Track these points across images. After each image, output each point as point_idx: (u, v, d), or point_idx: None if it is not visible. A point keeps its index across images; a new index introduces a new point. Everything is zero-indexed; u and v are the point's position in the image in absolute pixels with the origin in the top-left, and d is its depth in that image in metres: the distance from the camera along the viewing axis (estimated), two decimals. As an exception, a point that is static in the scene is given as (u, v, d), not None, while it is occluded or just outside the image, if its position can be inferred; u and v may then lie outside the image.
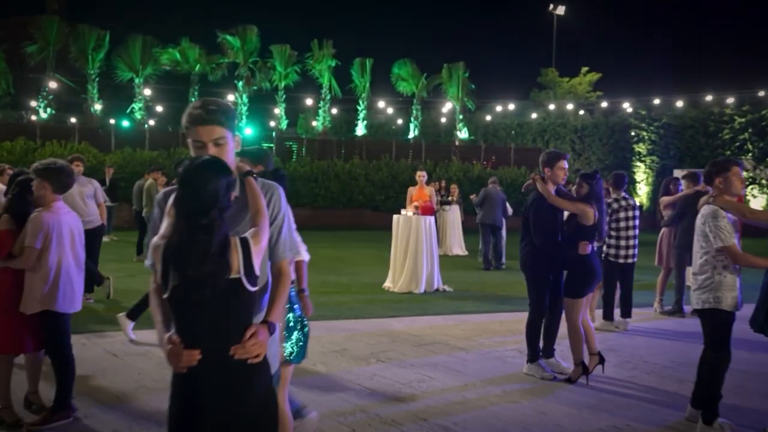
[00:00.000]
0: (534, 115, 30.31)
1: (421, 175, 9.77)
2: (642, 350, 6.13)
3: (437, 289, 9.36)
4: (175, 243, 1.95)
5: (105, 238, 15.28)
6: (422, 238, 9.12)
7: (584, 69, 37.87)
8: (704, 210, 4.08)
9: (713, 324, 4.07)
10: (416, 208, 9.35)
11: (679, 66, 46.93)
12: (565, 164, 5.10)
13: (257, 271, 2.05)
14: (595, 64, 38.32)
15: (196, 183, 1.96)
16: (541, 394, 4.77)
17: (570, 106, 30.49)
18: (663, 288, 8.05)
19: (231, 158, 2.24)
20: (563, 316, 5.19)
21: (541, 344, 5.24)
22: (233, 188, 2.09)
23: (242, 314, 2.05)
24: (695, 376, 4.23)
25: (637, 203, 7.36)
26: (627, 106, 27.11)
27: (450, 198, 14.92)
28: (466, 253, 14.91)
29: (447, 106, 29.62)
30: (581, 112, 29.15)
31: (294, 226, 2.47)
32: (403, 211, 9.47)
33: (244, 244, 2.02)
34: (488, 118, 30.48)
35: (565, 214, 5.17)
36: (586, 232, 4.93)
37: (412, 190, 9.98)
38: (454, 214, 14.97)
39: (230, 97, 26.61)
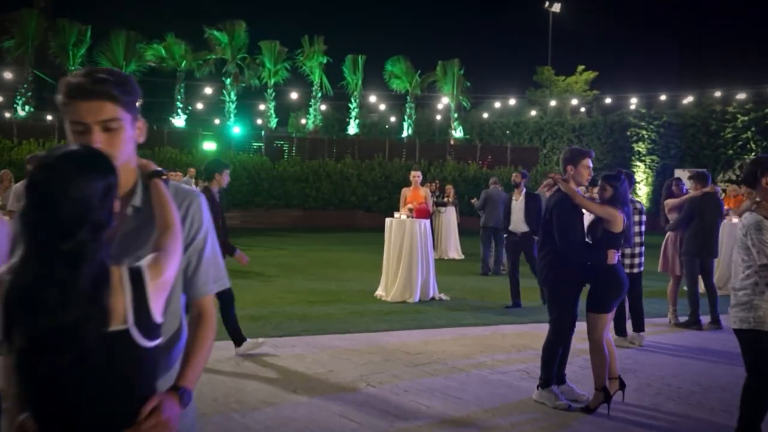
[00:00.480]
0: (533, 113, 29.79)
1: (416, 176, 9.13)
2: (663, 370, 5.53)
3: (433, 298, 8.75)
4: (21, 281, 1.28)
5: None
6: (417, 243, 8.50)
7: (580, 67, 37.49)
8: (746, 219, 3.50)
9: (754, 348, 3.52)
10: (410, 210, 8.73)
11: (679, 64, 46.57)
12: (589, 162, 4.52)
13: (157, 317, 1.41)
14: (592, 63, 37.88)
15: (52, 188, 1.30)
16: (557, 427, 4.16)
17: (574, 101, 29.97)
18: (675, 297, 7.47)
19: (127, 151, 1.58)
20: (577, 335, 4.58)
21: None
22: (116, 193, 1.40)
23: (135, 383, 1.39)
24: (727, 403, 3.64)
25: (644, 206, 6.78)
26: (629, 103, 26.62)
27: (445, 199, 14.31)
28: (463, 256, 14.32)
29: (442, 104, 29.04)
30: (582, 109, 28.58)
31: (219, 249, 1.75)
32: (396, 214, 8.85)
33: (135, 277, 1.38)
34: (485, 115, 29.94)
35: (586, 220, 4.56)
36: (613, 240, 4.34)
37: (406, 192, 9.34)
38: (449, 216, 14.36)
39: (218, 95, 25.99)
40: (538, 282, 5.19)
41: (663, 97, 27.22)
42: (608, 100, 29.07)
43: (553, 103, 30.08)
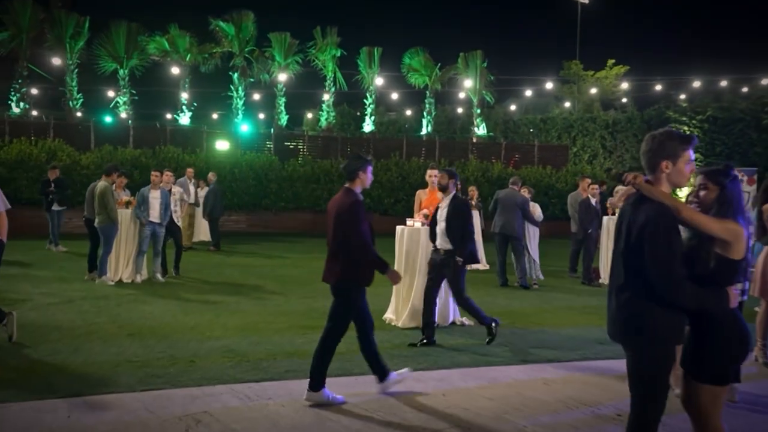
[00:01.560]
0: (567, 104, 28.09)
1: (433, 175, 7.71)
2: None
3: (453, 323, 7.35)
4: None
5: (52, 249, 13.61)
6: (433, 257, 7.09)
7: (610, 61, 35.83)
8: None
9: None
10: (426, 217, 7.32)
11: (721, 54, 43.73)
12: (691, 155, 3.02)
13: None
14: (622, 56, 36.15)
15: None
16: None
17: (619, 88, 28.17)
18: (766, 328, 5.95)
19: None
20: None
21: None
22: None
23: None
24: None
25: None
26: (657, 90, 24.82)
27: (471, 202, 12.85)
28: (487, 266, 12.87)
29: (463, 99, 27.55)
30: (612, 111, 26.83)
31: None
32: (409, 221, 7.44)
33: None
34: (512, 108, 28.32)
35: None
36: (732, 271, 2.86)
37: (421, 194, 7.93)
38: (474, 221, 12.92)
39: (224, 90, 24.85)
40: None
41: (695, 86, 25.29)
42: (639, 94, 27.29)
43: (592, 91, 28.25)
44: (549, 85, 30.23)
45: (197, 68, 24.43)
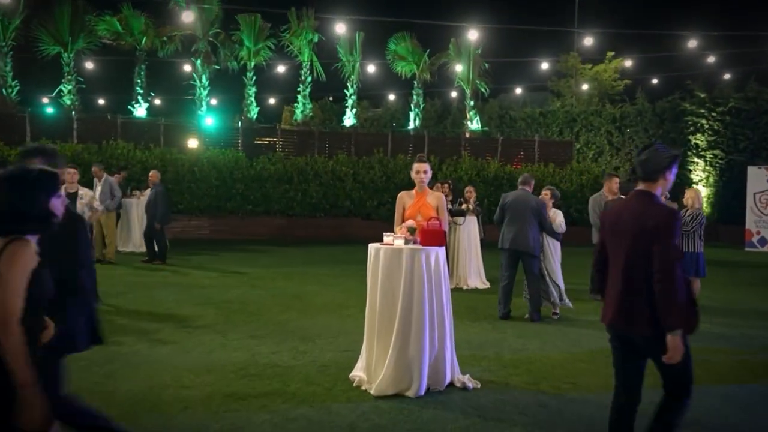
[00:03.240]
0: (558, 104, 26.08)
1: (422, 171, 5.57)
2: None
3: (451, 384, 5.21)
4: None
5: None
6: (422, 292, 4.96)
7: (610, 54, 34.02)
8: None
9: None
10: (411, 231, 5.17)
11: (743, 40, 41.10)
12: None
13: None
14: (628, 42, 34.26)
15: None
16: None
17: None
18: None
19: None
20: None
21: None
22: None
23: None
24: None
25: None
26: (669, 79, 22.85)
27: (465, 206, 10.75)
28: (487, 285, 10.83)
29: (455, 90, 25.47)
30: (619, 109, 24.72)
31: None
32: (387, 236, 5.28)
33: None
34: (519, 91, 26.10)
35: None
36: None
37: (404, 198, 5.72)
38: (469, 229, 10.83)
39: (186, 78, 22.55)
40: None
41: (716, 74, 23.38)
42: (652, 81, 25.32)
43: (585, 87, 26.29)
44: (545, 66, 28.17)
45: (155, 53, 22.09)
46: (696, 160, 21.73)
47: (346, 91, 24.24)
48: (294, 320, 7.66)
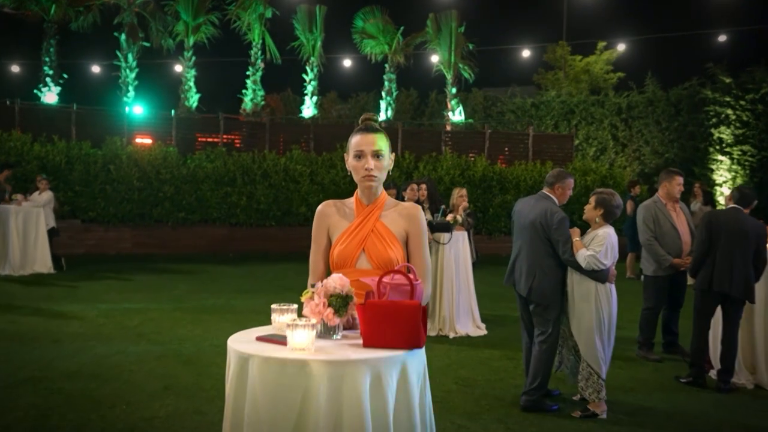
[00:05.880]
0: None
1: (369, 155, 2.50)
2: None
3: None
4: None
5: None
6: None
7: (601, 44, 31.70)
8: None
9: None
10: (338, 307, 2.16)
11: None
12: None
13: None
14: (615, 38, 31.95)
15: None
16: None
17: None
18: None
19: None
20: None
21: None
22: None
23: None
24: None
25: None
26: (685, 62, 20.15)
27: (452, 216, 7.78)
28: (485, 331, 7.87)
29: (434, 75, 22.53)
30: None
31: None
32: (277, 315, 2.25)
33: None
34: (505, 82, 23.35)
35: None
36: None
37: (330, 216, 2.64)
38: (457, 250, 7.87)
39: (109, 58, 19.23)
40: None
41: (740, 55, 20.79)
42: (664, 65, 22.67)
43: (556, 94, 23.59)
44: (534, 52, 25.55)
45: (67, 26, 18.75)
46: (720, 157, 19.06)
47: (304, 75, 21.19)
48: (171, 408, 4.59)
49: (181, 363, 6.12)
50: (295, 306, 2.21)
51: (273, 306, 2.18)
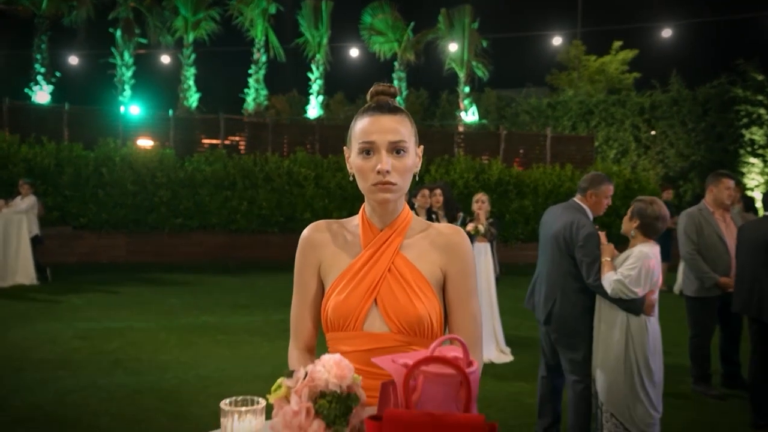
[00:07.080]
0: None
1: (382, 149, 1.60)
2: None
3: None
4: None
5: None
6: None
7: (616, 44, 30.94)
8: None
9: None
10: (330, 417, 1.28)
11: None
12: None
13: None
14: (630, 39, 31.26)
15: None
16: None
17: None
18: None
19: None
20: None
21: None
22: None
23: None
24: None
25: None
26: (712, 58, 19.17)
27: (473, 226, 6.87)
28: (510, 356, 6.96)
29: (445, 73, 21.66)
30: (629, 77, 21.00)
31: None
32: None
33: None
34: (520, 82, 22.50)
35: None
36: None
37: (320, 247, 1.69)
38: (479, 263, 6.96)
39: (104, 55, 18.45)
40: None
41: None
42: (689, 62, 21.69)
43: (570, 93, 22.73)
44: (557, 41, 24.67)
45: (59, 21, 18.00)
46: (752, 160, 18.08)
47: (309, 74, 20.36)
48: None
49: (158, 399, 5.24)
50: (263, 404, 1.31)
51: (223, 405, 1.27)
